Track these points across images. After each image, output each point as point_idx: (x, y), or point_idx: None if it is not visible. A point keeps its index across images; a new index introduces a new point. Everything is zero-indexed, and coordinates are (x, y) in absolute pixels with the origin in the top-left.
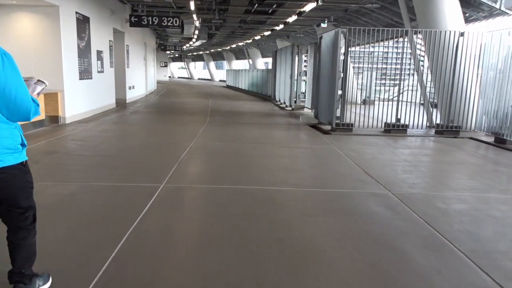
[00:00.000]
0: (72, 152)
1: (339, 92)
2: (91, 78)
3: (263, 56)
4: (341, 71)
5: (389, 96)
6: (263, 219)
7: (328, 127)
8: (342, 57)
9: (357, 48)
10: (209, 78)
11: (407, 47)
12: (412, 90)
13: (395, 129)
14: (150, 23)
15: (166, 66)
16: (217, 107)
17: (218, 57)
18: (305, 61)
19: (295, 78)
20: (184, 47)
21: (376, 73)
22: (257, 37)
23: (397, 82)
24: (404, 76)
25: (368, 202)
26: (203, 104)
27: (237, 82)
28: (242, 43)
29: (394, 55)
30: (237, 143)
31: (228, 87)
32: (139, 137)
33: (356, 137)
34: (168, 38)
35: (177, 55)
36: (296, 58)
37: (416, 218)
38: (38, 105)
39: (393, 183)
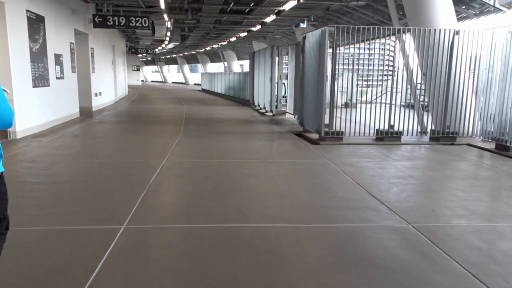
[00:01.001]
0: (15, 179)
1: (327, 96)
2: (48, 85)
3: (238, 59)
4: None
5: (371, 98)
6: (260, 284)
7: (316, 136)
8: (329, 58)
9: (340, 49)
10: (184, 81)
11: (394, 47)
12: (397, 92)
13: (388, 137)
14: (117, 23)
15: (138, 70)
16: (193, 114)
17: (192, 60)
18: (285, 63)
19: (276, 81)
20: (157, 50)
21: (357, 74)
22: (233, 39)
23: (381, 83)
24: (388, 77)
25: (389, 243)
26: (177, 111)
27: (213, 86)
28: (217, 45)
29: (377, 56)
30: (217, 159)
31: (204, 91)
32: (102, 154)
33: (348, 147)
34: (139, 41)
35: (149, 59)
36: (276, 60)
37: (459, 269)
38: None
39: (409, 210)
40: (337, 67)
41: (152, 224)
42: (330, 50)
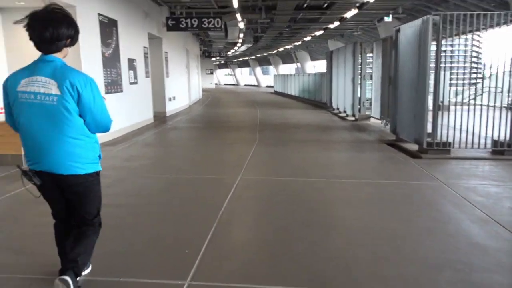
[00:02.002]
0: None
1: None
2: (121, 91)
3: (312, 59)
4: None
5: (462, 99)
6: None
7: (415, 147)
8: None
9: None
10: (256, 84)
11: None
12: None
13: (509, 150)
14: (189, 26)
15: (212, 73)
16: (267, 119)
17: (264, 62)
18: (369, 61)
19: (359, 82)
20: (229, 53)
21: (450, 72)
22: (307, 38)
23: (478, 80)
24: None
25: None
26: (251, 115)
27: (286, 88)
28: (290, 46)
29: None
30: (300, 177)
31: (276, 93)
32: (171, 167)
33: (460, 163)
34: (213, 44)
35: (222, 62)
36: (359, 59)
37: None
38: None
39: None
40: (441, 64)
41: (224, 282)
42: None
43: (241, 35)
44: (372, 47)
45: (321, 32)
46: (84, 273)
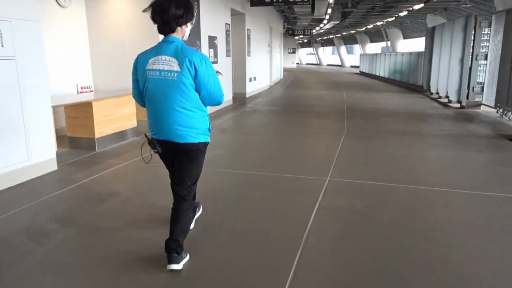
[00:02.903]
0: (118, 205)
1: None
2: None
3: (404, 37)
4: None
5: None
6: None
7: None
8: None
9: None
10: (339, 64)
11: None
12: None
13: None
14: (275, 0)
15: (294, 52)
16: (354, 103)
17: (350, 40)
18: (483, 39)
19: (469, 62)
20: (314, 30)
21: None
22: (403, 13)
23: None
24: None
25: None
26: (336, 99)
27: (374, 69)
28: (381, 22)
29: None
30: (405, 183)
31: (362, 74)
32: (247, 161)
33: None
34: (297, 21)
35: (305, 41)
36: (472, 35)
37: None
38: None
39: None
40: None
41: None
42: None
43: (329, 10)
44: (490, 21)
45: (420, 5)
46: (184, 261)
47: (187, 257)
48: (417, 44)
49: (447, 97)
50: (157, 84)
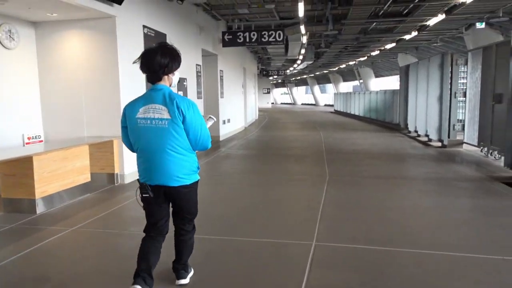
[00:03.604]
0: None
1: None
2: None
3: (376, 76)
4: None
5: None
6: None
7: None
8: None
9: None
10: (313, 103)
11: None
12: None
13: None
14: (248, 40)
15: (268, 92)
16: (333, 145)
17: (323, 79)
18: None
19: (448, 100)
20: (288, 71)
21: None
22: (375, 53)
23: None
24: None
25: None
26: (314, 140)
27: (348, 107)
28: (353, 62)
29: None
30: (406, 247)
31: (337, 112)
32: (214, 221)
33: None
34: (271, 62)
35: (280, 81)
36: (449, 72)
37: None
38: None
39: None
40: None
41: None
42: None
43: (303, 51)
44: (466, 58)
45: (392, 45)
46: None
47: (192, 271)
48: (388, 82)
49: (426, 135)
50: (149, 132)
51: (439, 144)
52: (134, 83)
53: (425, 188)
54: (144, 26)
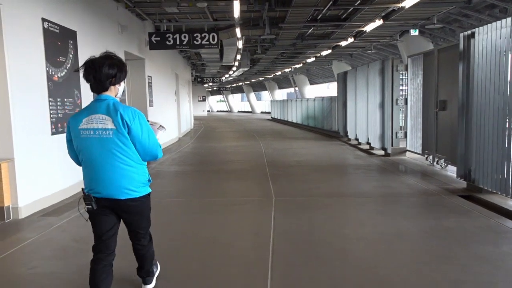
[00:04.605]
0: None
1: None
2: None
3: (311, 83)
4: None
5: None
6: None
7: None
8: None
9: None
10: (250, 110)
11: None
12: None
13: None
14: (178, 43)
15: (204, 100)
16: (275, 157)
17: (259, 87)
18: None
19: (390, 107)
20: (223, 78)
21: None
22: (310, 60)
23: None
24: None
25: None
26: (254, 152)
27: (286, 115)
28: (289, 69)
29: None
30: None
31: (274, 120)
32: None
33: None
34: (205, 69)
35: (215, 88)
36: (391, 79)
37: None
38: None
39: None
40: None
41: None
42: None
43: (238, 56)
44: (406, 64)
45: (328, 51)
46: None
47: (158, 270)
48: (322, 90)
49: (368, 143)
50: (93, 143)
51: (382, 152)
52: (31, 95)
53: (383, 209)
54: (43, 20)
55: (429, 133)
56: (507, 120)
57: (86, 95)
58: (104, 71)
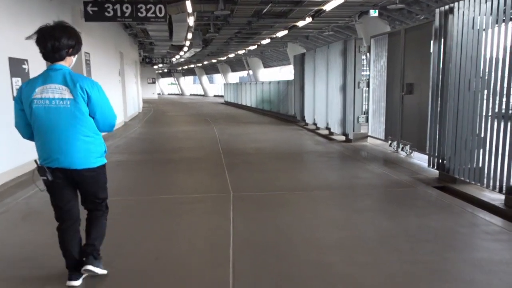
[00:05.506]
0: None
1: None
2: None
3: (265, 66)
4: None
5: None
6: None
7: (496, 196)
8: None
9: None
10: (202, 93)
11: None
12: None
13: None
14: (119, 14)
15: (154, 82)
16: (230, 143)
17: (211, 70)
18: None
19: (352, 91)
20: (174, 59)
21: None
22: (265, 41)
23: None
24: None
25: None
26: (208, 137)
27: (240, 98)
28: (243, 51)
29: None
30: None
31: (228, 104)
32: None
33: None
34: (154, 49)
35: (166, 70)
36: (353, 60)
37: None
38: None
39: None
40: None
41: None
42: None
43: (189, 35)
44: (369, 45)
45: (284, 32)
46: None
47: (105, 271)
48: (276, 73)
49: (328, 128)
50: (48, 112)
51: (343, 138)
52: None
53: (357, 204)
54: None
55: (393, 118)
56: (484, 104)
57: (2, 70)
58: (64, 42)
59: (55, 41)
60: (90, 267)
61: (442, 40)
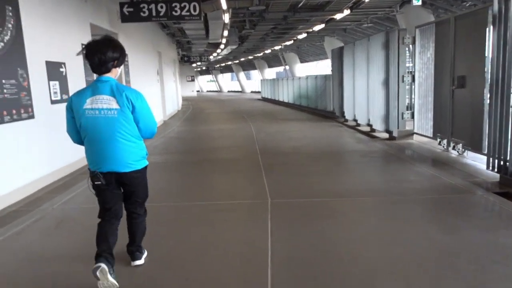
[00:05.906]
0: None
1: None
2: (32, 117)
3: (301, 61)
4: None
5: None
6: None
7: None
8: None
9: None
10: (240, 90)
11: None
12: None
13: None
14: (154, 14)
15: (193, 80)
16: (268, 142)
17: (248, 66)
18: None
19: (396, 85)
20: (211, 57)
21: None
22: (302, 36)
23: None
24: None
25: None
26: (245, 135)
27: (276, 94)
28: (279, 47)
29: None
30: None
31: (265, 100)
32: None
33: None
34: (192, 47)
35: (204, 68)
36: (397, 52)
37: None
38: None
39: None
40: None
41: None
42: None
43: (225, 33)
44: (414, 36)
45: (321, 26)
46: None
47: (146, 252)
48: (312, 68)
49: (369, 125)
50: (98, 122)
51: (386, 135)
52: None
53: (410, 215)
54: None
55: (443, 114)
56: None
57: (38, 73)
58: (109, 54)
59: (101, 55)
60: (138, 262)
61: (502, 27)
